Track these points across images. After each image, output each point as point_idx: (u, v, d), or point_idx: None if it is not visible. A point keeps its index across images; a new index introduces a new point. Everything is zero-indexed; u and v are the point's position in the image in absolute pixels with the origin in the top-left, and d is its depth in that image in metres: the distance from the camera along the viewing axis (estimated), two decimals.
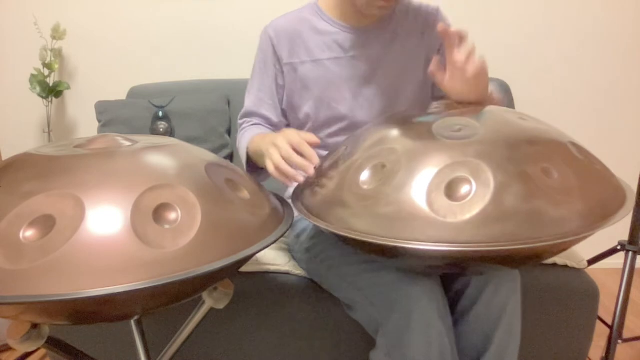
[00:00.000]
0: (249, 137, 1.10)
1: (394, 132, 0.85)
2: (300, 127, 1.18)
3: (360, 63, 1.11)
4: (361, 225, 0.75)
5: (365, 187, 0.79)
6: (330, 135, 1.15)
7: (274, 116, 1.17)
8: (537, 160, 0.74)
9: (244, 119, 1.20)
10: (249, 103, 1.19)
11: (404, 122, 0.88)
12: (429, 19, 1.15)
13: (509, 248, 0.68)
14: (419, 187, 0.73)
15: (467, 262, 0.76)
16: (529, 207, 0.69)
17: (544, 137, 0.79)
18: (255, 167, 1.12)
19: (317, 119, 1.14)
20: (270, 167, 0.89)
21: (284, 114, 1.19)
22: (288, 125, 1.21)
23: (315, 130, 1.15)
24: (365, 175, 0.80)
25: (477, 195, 0.70)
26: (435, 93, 1.21)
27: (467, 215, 0.69)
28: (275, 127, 1.18)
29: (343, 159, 0.87)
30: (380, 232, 0.73)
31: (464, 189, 0.72)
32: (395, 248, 0.72)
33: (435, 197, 0.72)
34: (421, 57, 1.15)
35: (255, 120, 1.18)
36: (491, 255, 0.72)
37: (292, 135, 0.88)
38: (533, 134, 0.79)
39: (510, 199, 0.69)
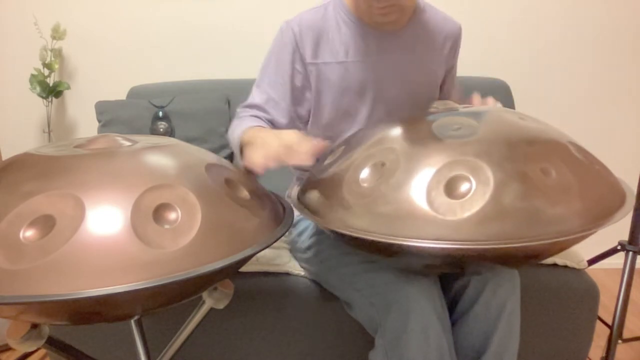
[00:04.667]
0: (246, 125, 1.03)
1: (393, 132, 0.85)
2: (318, 127, 1.14)
3: (383, 66, 1.09)
4: (361, 224, 0.75)
5: (364, 185, 0.79)
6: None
7: (281, 117, 1.10)
8: (536, 159, 0.74)
9: (245, 109, 1.12)
10: (257, 97, 1.11)
11: (404, 121, 0.89)
12: (450, 35, 1.16)
13: (507, 246, 0.68)
14: (418, 185, 0.73)
15: (466, 260, 0.76)
16: (528, 206, 0.69)
17: (543, 137, 0.79)
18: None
19: (335, 122, 1.12)
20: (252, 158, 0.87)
21: (296, 115, 1.13)
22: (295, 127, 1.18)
23: (332, 131, 1.13)
24: (364, 174, 0.80)
25: (477, 193, 0.70)
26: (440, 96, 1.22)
27: (467, 213, 0.69)
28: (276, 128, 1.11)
29: (343, 157, 0.87)
30: (380, 230, 0.73)
31: (464, 187, 0.72)
32: (394, 245, 0.72)
33: (435, 195, 0.72)
34: (438, 67, 1.16)
35: (258, 114, 1.10)
36: (490, 254, 0.72)
37: (288, 140, 0.85)
38: (532, 133, 0.80)
39: (509, 198, 0.69)
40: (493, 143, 0.76)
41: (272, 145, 0.86)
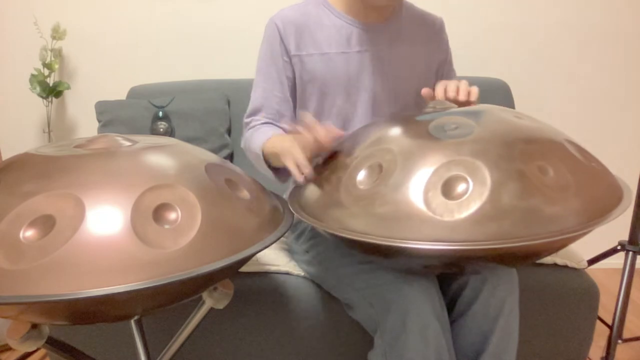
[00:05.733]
0: (264, 138, 1.06)
1: (390, 132, 0.85)
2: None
3: (366, 59, 1.10)
4: (358, 225, 0.75)
5: (361, 187, 0.79)
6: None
7: (284, 109, 1.12)
8: (532, 158, 0.74)
9: (252, 117, 1.14)
10: (256, 97, 1.13)
11: (400, 121, 0.89)
12: (432, 29, 1.17)
13: (505, 246, 0.68)
14: (415, 186, 0.73)
15: (464, 261, 0.76)
16: (525, 205, 0.69)
17: (539, 135, 0.79)
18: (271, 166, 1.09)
19: (321, 113, 1.13)
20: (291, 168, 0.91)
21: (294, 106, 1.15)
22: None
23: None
24: (361, 175, 0.80)
25: (474, 194, 0.70)
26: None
27: (464, 214, 0.69)
28: (287, 121, 1.13)
29: (340, 158, 0.87)
30: (377, 231, 0.73)
31: (461, 187, 0.72)
32: (391, 247, 0.72)
33: (432, 196, 0.72)
34: (422, 62, 1.16)
35: (263, 117, 1.13)
36: (488, 254, 0.72)
37: (305, 141, 0.89)
38: (528, 132, 0.80)
39: (506, 197, 0.69)
40: (490, 142, 0.76)
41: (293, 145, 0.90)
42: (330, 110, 1.12)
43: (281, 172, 1.11)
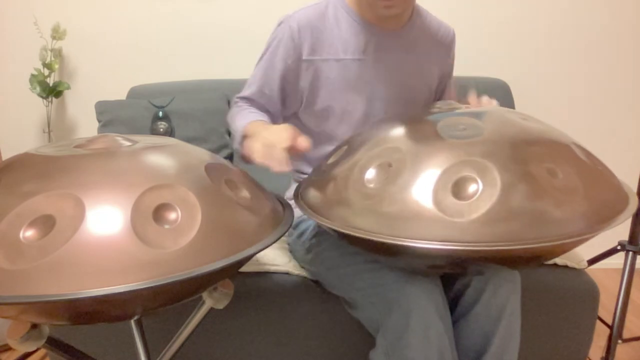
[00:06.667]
0: (249, 119, 1.05)
1: (398, 131, 0.85)
2: (312, 123, 1.15)
3: (380, 67, 1.10)
4: (364, 224, 0.75)
5: (370, 185, 0.78)
6: (342, 136, 1.14)
7: (272, 108, 1.13)
8: (541, 160, 0.74)
9: (241, 100, 1.15)
10: (250, 90, 1.13)
11: (408, 121, 0.88)
12: (444, 41, 1.18)
13: (513, 248, 0.68)
14: (425, 186, 0.73)
15: (470, 262, 0.76)
16: (534, 207, 0.69)
17: (547, 138, 0.79)
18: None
19: (329, 119, 1.13)
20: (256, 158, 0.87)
21: (282, 108, 1.14)
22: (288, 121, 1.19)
23: (324, 128, 1.14)
24: (370, 174, 0.80)
25: (484, 195, 0.70)
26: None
27: (475, 215, 0.69)
28: (271, 116, 1.14)
29: (346, 157, 0.87)
30: (384, 230, 0.73)
31: (472, 188, 0.71)
32: (398, 246, 0.72)
33: (442, 196, 0.71)
34: (432, 71, 1.17)
35: (253, 106, 1.13)
36: (495, 255, 0.72)
37: (281, 139, 0.85)
38: (536, 134, 0.80)
39: (516, 199, 0.69)
40: (498, 144, 0.76)
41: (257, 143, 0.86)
42: (340, 115, 1.12)
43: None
